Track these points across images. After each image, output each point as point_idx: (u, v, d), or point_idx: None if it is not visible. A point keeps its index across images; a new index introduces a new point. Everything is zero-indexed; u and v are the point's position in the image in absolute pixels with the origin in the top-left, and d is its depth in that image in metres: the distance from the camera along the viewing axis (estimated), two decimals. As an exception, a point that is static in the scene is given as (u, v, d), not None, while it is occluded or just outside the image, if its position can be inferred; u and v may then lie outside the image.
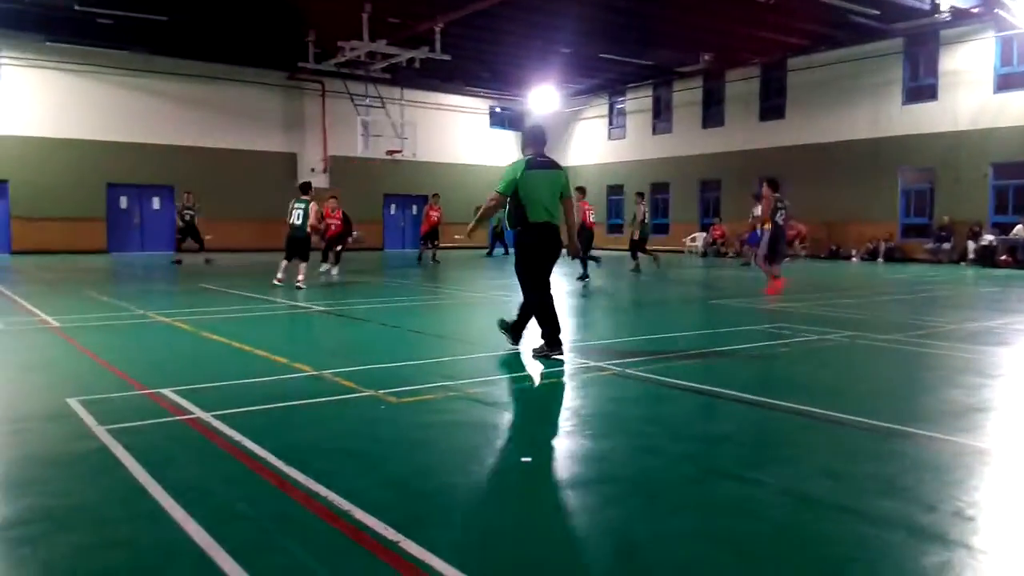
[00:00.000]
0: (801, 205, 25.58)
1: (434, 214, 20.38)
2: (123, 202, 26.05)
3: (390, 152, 27.85)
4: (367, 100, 27.82)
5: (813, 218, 25.20)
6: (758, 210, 16.52)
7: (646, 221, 17.99)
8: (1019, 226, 20.19)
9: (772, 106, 26.80)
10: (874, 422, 4.36)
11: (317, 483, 3.25)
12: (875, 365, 6.58)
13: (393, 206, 31.43)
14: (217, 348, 6.91)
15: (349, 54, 22.20)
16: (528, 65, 26.74)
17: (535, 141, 6.61)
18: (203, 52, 25.36)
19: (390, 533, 2.75)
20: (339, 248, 16.30)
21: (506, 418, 4.52)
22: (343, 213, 16.56)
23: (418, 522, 2.87)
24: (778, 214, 12.28)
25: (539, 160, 6.42)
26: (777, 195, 12.27)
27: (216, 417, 4.30)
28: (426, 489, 3.27)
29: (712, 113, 28.86)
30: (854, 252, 24.02)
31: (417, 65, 22.77)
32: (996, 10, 19.75)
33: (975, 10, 20.17)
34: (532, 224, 6.29)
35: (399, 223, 31.81)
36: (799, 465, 3.65)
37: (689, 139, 29.43)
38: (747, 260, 18.93)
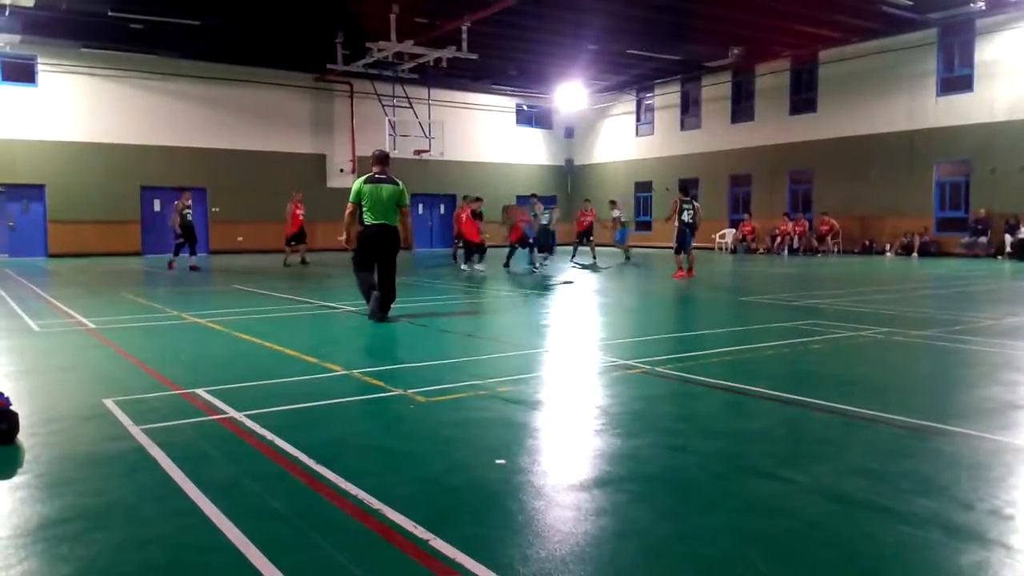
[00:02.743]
0: (833, 200, 25.30)
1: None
2: (156, 205, 26.48)
3: (418, 152, 28.00)
4: (395, 100, 27.99)
5: (845, 213, 24.85)
6: (615, 212, 20.92)
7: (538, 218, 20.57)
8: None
9: (803, 100, 26.46)
10: (910, 419, 4.28)
11: (348, 481, 3.27)
12: (911, 362, 6.47)
13: (420, 206, 31.57)
14: (249, 348, 6.99)
15: (377, 55, 22.35)
16: (555, 63, 26.69)
17: (377, 161, 8.53)
18: (233, 55, 25.71)
19: (420, 531, 2.76)
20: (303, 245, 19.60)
21: (535, 416, 4.51)
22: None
23: (448, 520, 2.88)
24: (684, 213, 14.34)
25: (377, 176, 8.33)
26: (686, 198, 14.52)
27: (248, 416, 4.36)
28: (456, 487, 3.28)
29: (742, 108, 28.57)
30: (888, 247, 23.64)
31: (444, 64, 22.85)
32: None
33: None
34: (367, 225, 8.31)
35: (427, 223, 31.95)
36: (833, 463, 3.59)
37: (718, 134, 29.16)
38: (627, 257, 20.86)
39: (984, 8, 20.39)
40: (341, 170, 28.99)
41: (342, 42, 23.33)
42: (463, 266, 17.56)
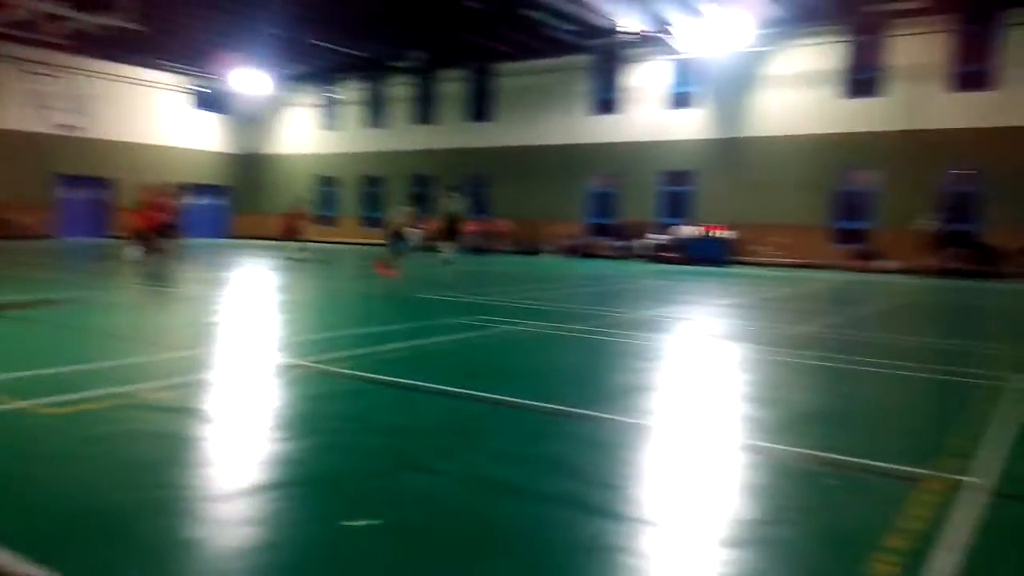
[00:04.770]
0: (505, 204, 27.20)
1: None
2: None
3: (64, 126, 24.52)
4: (39, 68, 24.28)
5: (517, 216, 26.84)
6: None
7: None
8: (681, 227, 23.30)
9: (482, 108, 28.12)
10: (554, 405, 4.71)
11: (-64, 517, 2.73)
12: (560, 352, 7.15)
13: (68, 188, 27.44)
14: None
15: (20, 14, 19.21)
16: (230, 44, 25.18)
17: None
18: None
19: (29, 568, 2.39)
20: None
21: (192, 425, 4.17)
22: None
23: (67, 551, 2.54)
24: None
25: None
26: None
27: None
28: (82, 512, 2.90)
29: (426, 110, 29.48)
30: (548, 248, 25.98)
31: (102, 31, 20.35)
32: (659, 34, 22.43)
33: (644, 32, 22.70)
34: None
35: (77, 208, 27.72)
36: (484, 451, 3.83)
37: (404, 134, 29.79)
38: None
39: (628, 39, 23.33)
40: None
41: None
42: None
